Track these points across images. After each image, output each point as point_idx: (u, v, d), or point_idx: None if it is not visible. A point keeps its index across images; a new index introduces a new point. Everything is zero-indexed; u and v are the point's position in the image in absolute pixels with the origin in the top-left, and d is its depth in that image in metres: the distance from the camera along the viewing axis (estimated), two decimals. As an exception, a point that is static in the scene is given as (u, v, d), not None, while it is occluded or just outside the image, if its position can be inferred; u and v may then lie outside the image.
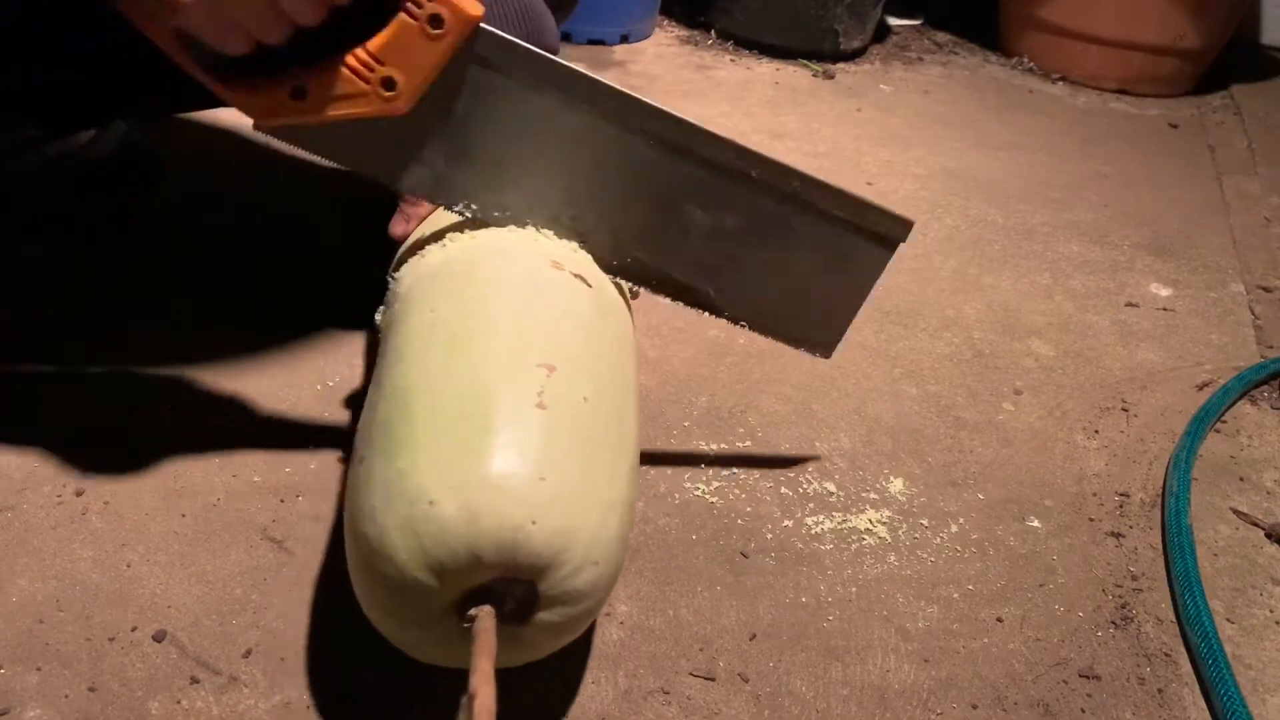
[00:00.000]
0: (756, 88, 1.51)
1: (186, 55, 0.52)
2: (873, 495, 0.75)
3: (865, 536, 0.71)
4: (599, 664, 0.59)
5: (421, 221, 0.69)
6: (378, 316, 0.62)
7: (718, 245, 0.62)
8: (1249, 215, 1.32)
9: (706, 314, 0.65)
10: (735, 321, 0.66)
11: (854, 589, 0.66)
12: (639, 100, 0.58)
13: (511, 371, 0.50)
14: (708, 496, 0.72)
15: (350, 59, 0.53)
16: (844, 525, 0.72)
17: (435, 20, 0.52)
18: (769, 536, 0.69)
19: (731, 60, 1.62)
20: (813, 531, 0.71)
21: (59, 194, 0.91)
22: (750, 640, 0.62)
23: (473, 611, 0.46)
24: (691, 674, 0.59)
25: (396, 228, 0.71)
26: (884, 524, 0.72)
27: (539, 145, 0.58)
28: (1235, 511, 0.78)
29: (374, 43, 0.52)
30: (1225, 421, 0.89)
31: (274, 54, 0.52)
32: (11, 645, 0.55)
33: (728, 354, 0.88)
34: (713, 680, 0.59)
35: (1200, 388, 0.93)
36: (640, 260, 0.63)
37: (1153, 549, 0.73)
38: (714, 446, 0.77)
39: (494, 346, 0.51)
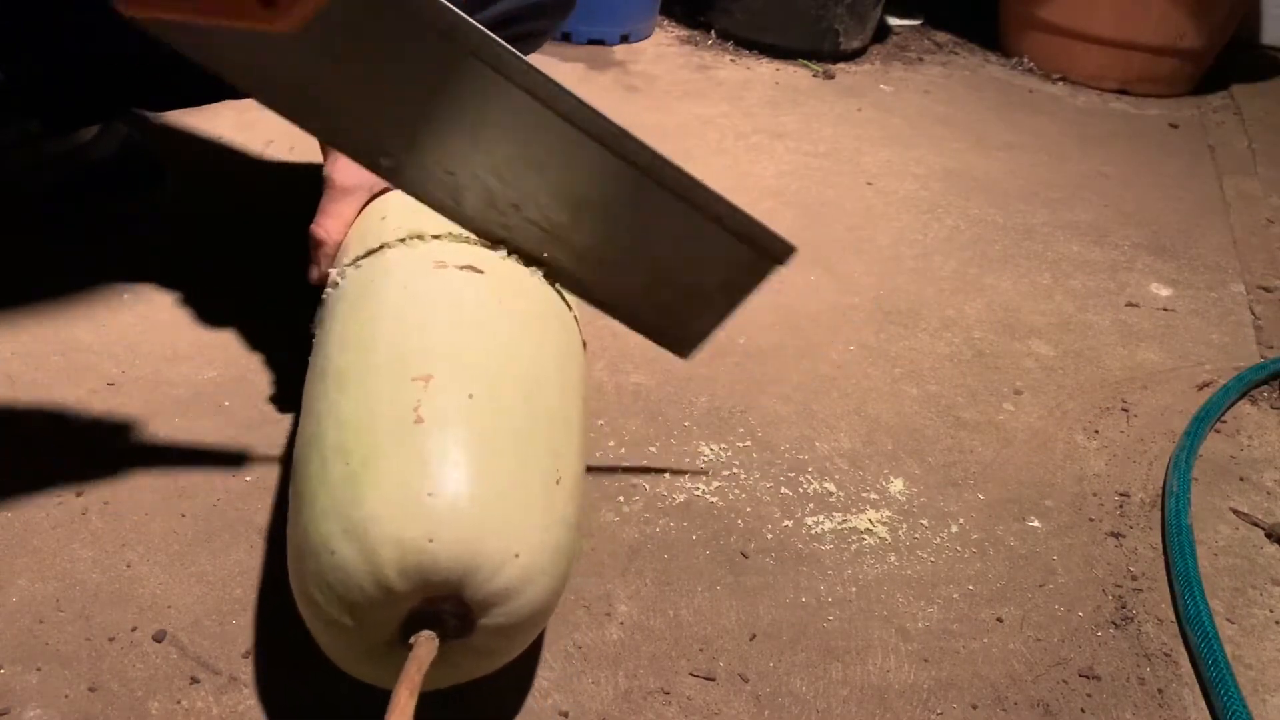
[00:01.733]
0: (756, 88, 1.51)
1: None
2: (873, 495, 0.75)
3: (865, 536, 0.71)
4: (599, 664, 0.59)
5: (343, 221, 0.68)
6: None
7: (598, 231, 0.60)
8: (1249, 215, 1.32)
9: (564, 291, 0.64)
10: (600, 308, 0.64)
11: (854, 589, 0.66)
12: (542, 75, 0.55)
13: (389, 394, 0.49)
14: (708, 496, 0.72)
15: None
16: (844, 525, 0.72)
17: None
18: (769, 536, 0.69)
19: (731, 60, 1.62)
20: (813, 531, 0.71)
21: (59, 194, 0.91)
22: (750, 640, 0.62)
23: (412, 640, 0.45)
24: (691, 674, 0.59)
25: (311, 274, 0.69)
26: (884, 524, 0.72)
27: (428, 95, 0.55)
28: (1235, 511, 0.78)
29: None
30: (1225, 421, 0.89)
31: None
32: (11, 645, 0.55)
33: (728, 354, 0.88)
34: (713, 680, 0.59)
35: (1200, 388, 0.93)
36: (512, 229, 0.60)
37: (1153, 549, 0.73)
38: (714, 446, 0.77)
39: (371, 375, 0.51)
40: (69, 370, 0.75)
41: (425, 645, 0.45)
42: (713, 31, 1.69)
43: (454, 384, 0.50)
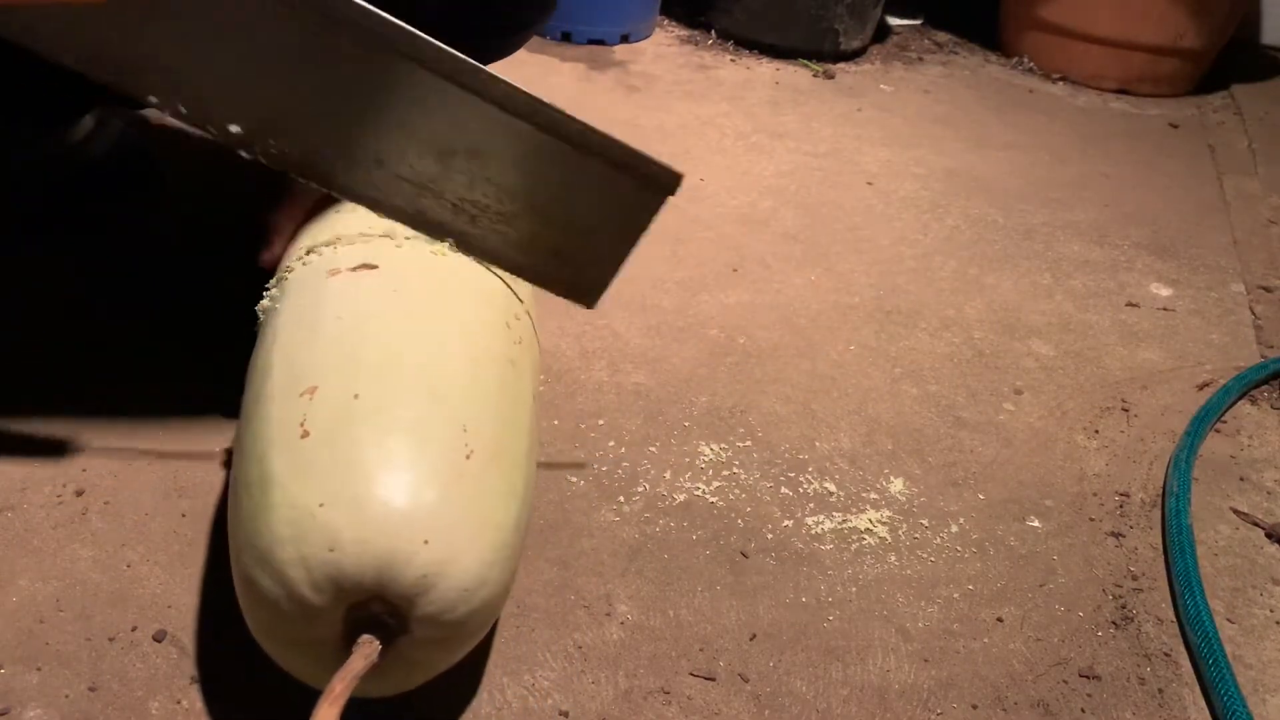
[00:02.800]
0: (757, 88, 1.51)
1: None
2: (873, 495, 0.75)
3: (865, 536, 0.71)
4: (599, 664, 0.59)
5: (301, 208, 0.67)
6: None
7: (468, 178, 0.58)
8: (1249, 215, 1.32)
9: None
10: (490, 263, 0.61)
11: (854, 589, 0.66)
12: (390, 20, 0.52)
13: (279, 416, 0.49)
14: (708, 496, 0.72)
15: None
16: (844, 525, 0.72)
17: None
18: (769, 536, 0.69)
19: (732, 60, 1.62)
20: (813, 531, 0.71)
21: (55, 194, 0.91)
22: (750, 640, 0.62)
23: (356, 643, 0.45)
24: (691, 674, 0.59)
25: (265, 257, 0.69)
26: (884, 524, 0.72)
27: (278, 57, 0.53)
28: (1235, 511, 0.78)
29: None
30: (1225, 421, 0.89)
31: None
32: (11, 645, 0.55)
33: (728, 354, 0.88)
34: (713, 680, 0.59)
35: (1200, 388, 0.93)
36: (382, 188, 0.58)
37: (1153, 549, 0.73)
38: (714, 446, 0.77)
39: (265, 402, 0.51)
40: (69, 370, 0.75)
41: (358, 657, 0.45)
42: (713, 31, 1.69)
43: (340, 389, 0.49)
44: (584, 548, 0.66)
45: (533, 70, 1.43)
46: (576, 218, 0.60)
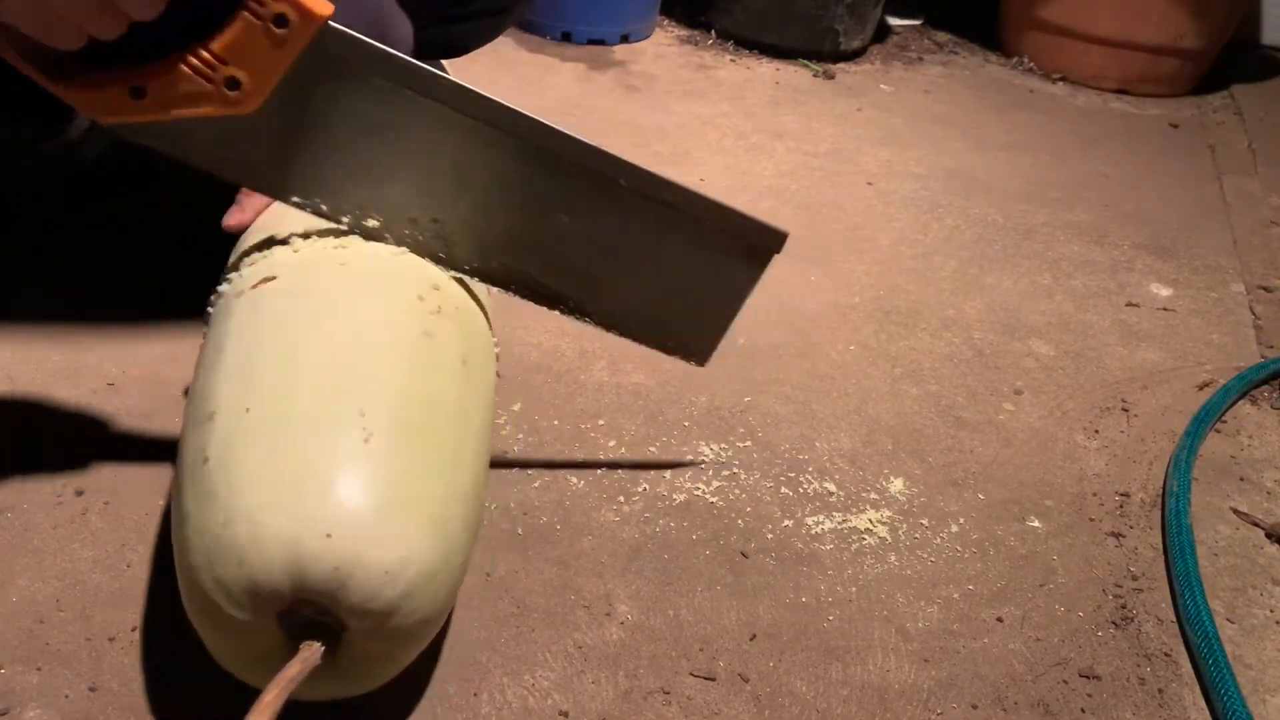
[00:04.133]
0: (756, 88, 1.51)
1: (15, 51, 0.50)
2: (873, 495, 0.75)
3: (865, 536, 0.71)
4: (599, 664, 0.59)
5: (258, 213, 0.67)
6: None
7: (587, 252, 0.61)
8: (1249, 215, 1.32)
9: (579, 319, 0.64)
10: (607, 329, 0.64)
11: (854, 589, 0.66)
12: (497, 102, 0.56)
13: (189, 445, 0.50)
14: (708, 496, 0.72)
15: (191, 58, 0.50)
16: (844, 525, 0.72)
17: (280, 20, 0.50)
18: (769, 536, 0.69)
19: (732, 60, 1.62)
20: (813, 531, 0.71)
21: (54, 193, 0.91)
22: (750, 640, 0.62)
23: (300, 648, 0.46)
24: (691, 674, 0.59)
25: (230, 219, 0.68)
26: (884, 524, 0.72)
27: (393, 144, 0.56)
28: (1235, 511, 0.78)
29: (216, 42, 0.50)
30: (1225, 421, 0.89)
31: (111, 50, 0.50)
32: (11, 645, 0.55)
33: (728, 354, 0.88)
34: (713, 680, 0.59)
35: (1200, 388, 0.93)
36: (508, 265, 0.61)
37: (1153, 549, 0.73)
38: (714, 446, 0.77)
39: (181, 435, 0.52)
40: (69, 370, 0.75)
41: (295, 659, 0.45)
42: (713, 31, 1.69)
43: (234, 408, 0.49)
44: (584, 548, 0.66)
45: (533, 70, 1.43)
46: (690, 284, 0.62)
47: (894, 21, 1.88)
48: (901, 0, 1.89)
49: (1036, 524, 0.74)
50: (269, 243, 0.60)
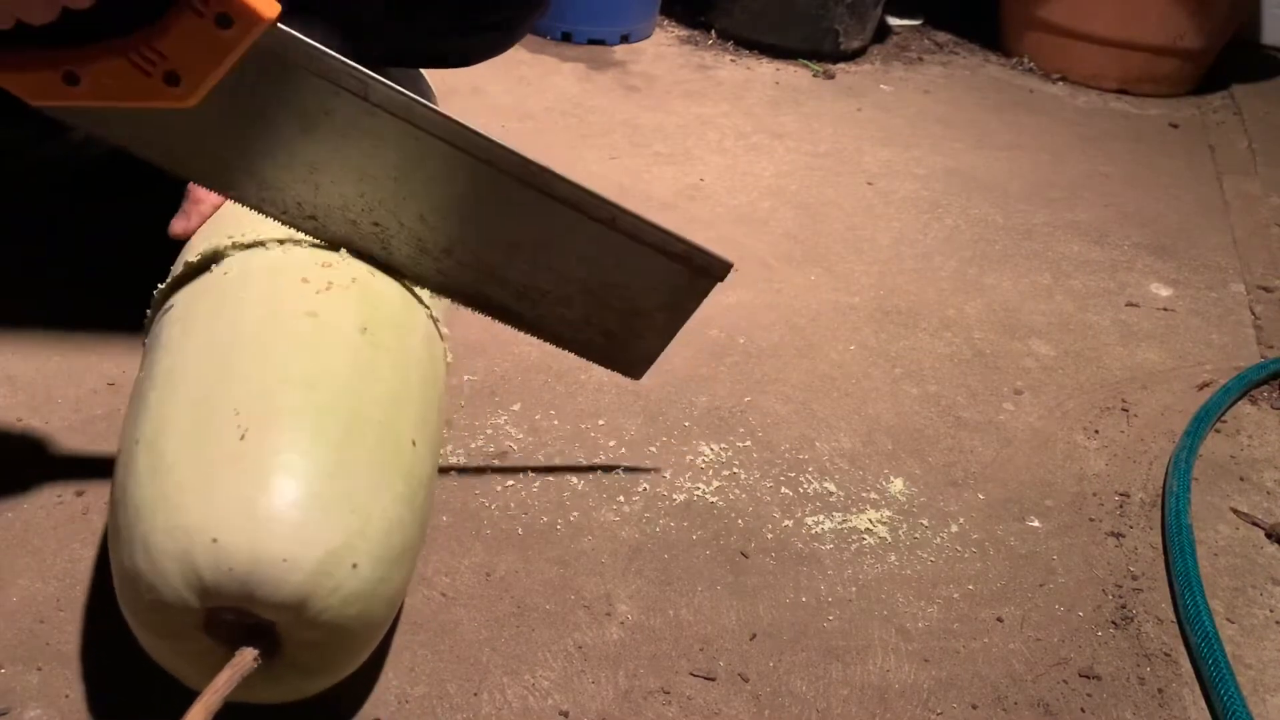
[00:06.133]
0: (756, 88, 1.51)
1: None
2: (873, 495, 0.75)
3: (865, 536, 0.71)
4: (599, 664, 0.59)
5: (204, 220, 0.67)
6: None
7: (527, 265, 0.61)
8: (1249, 215, 1.32)
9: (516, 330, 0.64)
10: (545, 339, 0.64)
11: (854, 589, 0.66)
12: (437, 112, 0.56)
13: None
14: (708, 496, 0.72)
15: (131, 50, 0.49)
16: (844, 525, 0.72)
17: (222, 20, 0.49)
18: (769, 536, 0.70)
19: (732, 60, 1.62)
20: (813, 531, 0.71)
21: (56, 194, 0.91)
22: (750, 640, 0.62)
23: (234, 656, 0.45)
24: (691, 674, 0.59)
25: (176, 225, 0.68)
26: (884, 524, 0.72)
27: (332, 146, 0.56)
28: (1235, 511, 0.78)
29: (157, 35, 0.49)
30: (1225, 421, 0.89)
31: (46, 33, 0.49)
32: (11, 645, 0.55)
33: (728, 354, 0.88)
34: (713, 680, 0.59)
35: (1200, 388, 0.93)
36: (446, 272, 0.61)
37: (1153, 549, 0.73)
38: (714, 446, 0.77)
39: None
40: (69, 370, 0.75)
41: (227, 668, 0.45)
42: (713, 31, 1.69)
43: (128, 443, 0.50)
44: (584, 548, 0.66)
45: (533, 70, 1.43)
46: (630, 302, 0.63)
47: (894, 21, 1.88)
48: (901, 0, 1.89)
49: (1036, 524, 0.74)
50: (186, 269, 0.60)
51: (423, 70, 0.93)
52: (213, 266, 0.59)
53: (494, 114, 1.26)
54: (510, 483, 0.71)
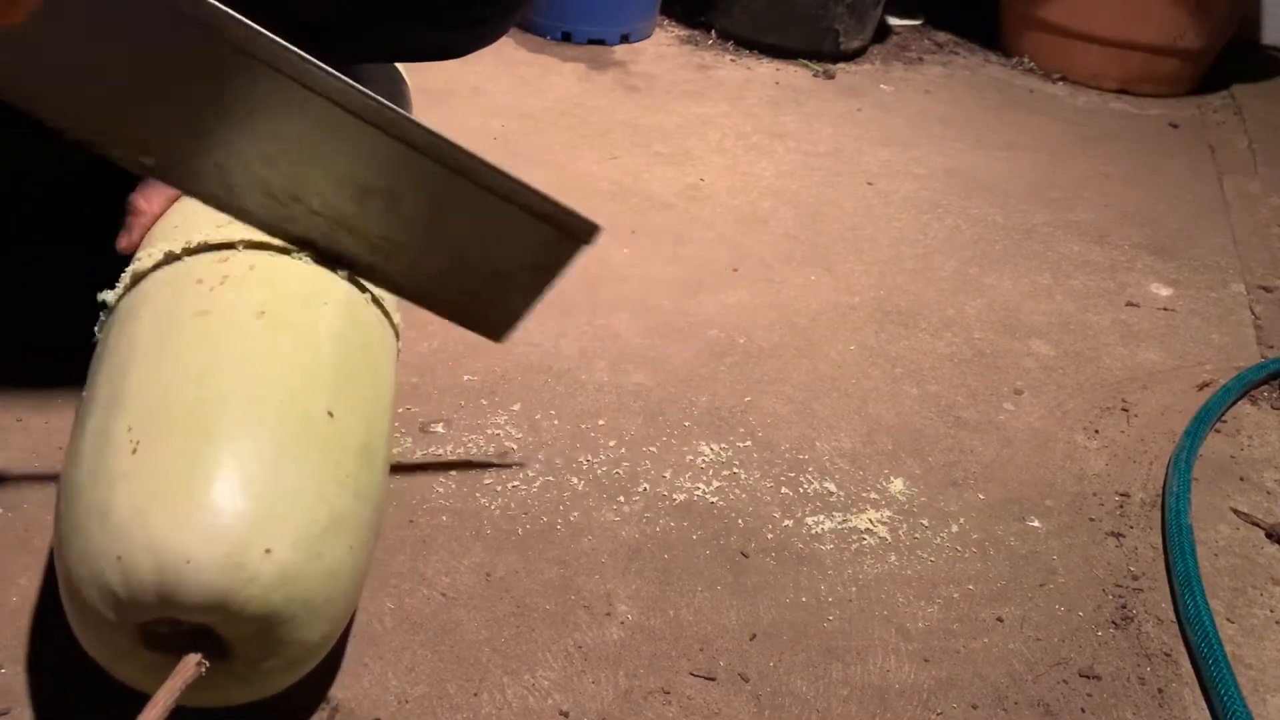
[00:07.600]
0: (756, 88, 1.51)
1: None
2: (873, 495, 0.75)
3: (865, 536, 0.71)
4: (599, 664, 0.59)
5: (145, 231, 0.66)
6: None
7: (385, 218, 0.59)
8: (1249, 215, 1.32)
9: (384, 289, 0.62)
10: (406, 297, 0.62)
11: (854, 589, 0.66)
12: (286, 48, 0.53)
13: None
14: (708, 496, 0.72)
15: None
16: (844, 525, 0.72)
17: None
18: (769, 536, 0.70)
19: (732, 60, 1.62)
20: (813, 531, 0.71)
21: (57, 194, 0.91)
22: (750, 640, 0.62)
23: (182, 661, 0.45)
24: (691, 674, 0.59)
25: (120, 241, 0.68)
26: (884, 524, 0.72)
27: (190, 89, 0.53)
28: (1235, 511, 0.78)
29: None
30: (1225, 421, 0.89)
31: None
32: (11, 645, 0.55)
33: (728, 354, 0.88)
34: (713, 680, 0.59)
35: (1200, 388, 0.93)
36: (298, 221, 0.58)
37: (1153, 549, 0.73)
38: (714, 446, 0.77)
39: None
40: (69, 370, 0.75)
41: (172, 675, 0.45)
42: (713, 31, 1.69)
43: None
44: (584, 548, 0.66)
45: (533, 70, 1.43)
46: (491, 260, 0.61)
47: (894, 21, 1.88)
48: (901, 0, 1.89)
49: (1036, 524, 0.74)
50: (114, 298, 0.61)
51: (416, 66, 0.93)
52: (133, 289, 0.59)
53: (493, 114, 1.26)
54: (510, 483, 0.71)
